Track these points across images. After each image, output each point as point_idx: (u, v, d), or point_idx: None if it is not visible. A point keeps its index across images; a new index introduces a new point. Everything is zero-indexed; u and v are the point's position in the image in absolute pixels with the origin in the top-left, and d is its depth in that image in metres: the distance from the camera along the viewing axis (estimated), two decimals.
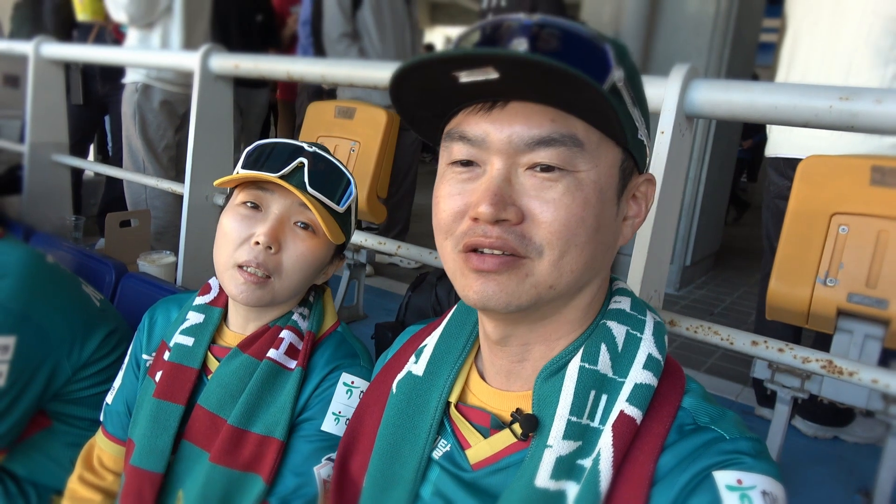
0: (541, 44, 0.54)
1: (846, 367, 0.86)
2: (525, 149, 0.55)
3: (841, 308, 1.67)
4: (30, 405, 1.13)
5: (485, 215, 0.55)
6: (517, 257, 0.56)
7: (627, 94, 0.56)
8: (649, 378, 0.58)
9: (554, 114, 0.55)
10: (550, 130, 0.55)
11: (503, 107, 0.56)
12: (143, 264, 1.85)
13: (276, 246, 0.89)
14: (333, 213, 0.92)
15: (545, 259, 0.56)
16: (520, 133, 0.55)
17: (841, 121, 0.83)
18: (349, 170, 0.92)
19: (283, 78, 1.50)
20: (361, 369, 0.93)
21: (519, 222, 0.56)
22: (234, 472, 0.88)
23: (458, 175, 0.59)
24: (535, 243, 0.56)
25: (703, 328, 0.98)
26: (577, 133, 0.55)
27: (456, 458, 0.65)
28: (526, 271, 0.56)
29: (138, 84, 2.74)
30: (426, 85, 0.56)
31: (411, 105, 0.61)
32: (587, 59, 0.53)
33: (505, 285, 0.57)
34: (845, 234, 1.68)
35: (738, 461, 0.52)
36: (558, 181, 0.55)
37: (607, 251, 0.61)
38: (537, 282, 0.57)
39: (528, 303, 0.57)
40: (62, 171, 2.29)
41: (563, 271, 0.56)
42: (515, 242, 0.55)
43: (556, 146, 0.55)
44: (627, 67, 0.56)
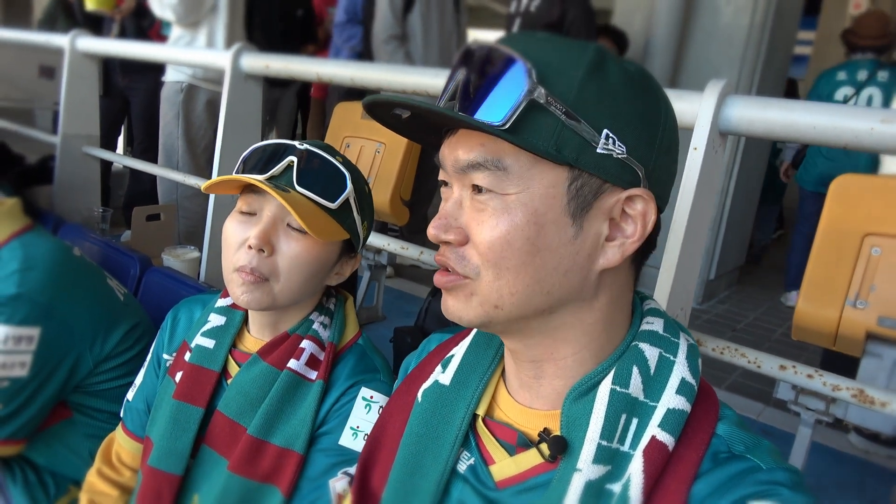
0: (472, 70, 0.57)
1: (878, 398, 0.84)
2: (461, 172, 0.58)
3: (870, 331, 1.63)
4: (51, 396, 1.15)
5: (431, 237, 0.60)
6: (459, 276, 0.59)
7: (559, 109, 0.54)
8: (682, 403, 0.56)
9: (484, 138, 0.57)
10: (477, 155, 0.57)
11: (455, 133, 0.60)
12: (168, 258, 1.87)
13: (268, 249, 0.88)
14: (328, 210, 0.90)
15: (483, 279, 0.58)
16: (459, 158, 0.58)
17: (882, 143, 0.81)
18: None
19: (312, 79, 1.51)
20: (381, 384, 0.92)
21: (462, 244, 0.59)
22: (253, 482, 0.88)
23: (444, 195, 0.62)
24: (473, 264, 0.58)
25: (729, 349, 0.96)
26: (503, 157, 0.56)
27: (479, 473, 0.64)
28: (470, 290, 0.59)
29: (183, 84, 2.76)
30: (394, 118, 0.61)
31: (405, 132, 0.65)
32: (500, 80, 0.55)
33: (455, 302, 0.60)
34: (878, 255, 1.64)
35: (776, 492, 0.51)
36: (487, 204, 0.57)
37: (565, 275, 0.57)
38: (482, 301, 0.59)
39: (479, 320, 0.59)
40: (92, 163, 2.32)
41: (503, 293, 0.57)
42: (455, 263, 0.59)
43: (483, 170, 0.56)
44: (567, 79, 0.54)
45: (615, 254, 0.58)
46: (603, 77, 0.55)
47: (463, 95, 0.56)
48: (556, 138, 0.54)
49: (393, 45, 3.20)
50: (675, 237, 0.94)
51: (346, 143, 2.62)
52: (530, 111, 0.54)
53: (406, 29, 3.23)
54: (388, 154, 2.49)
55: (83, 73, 2.22)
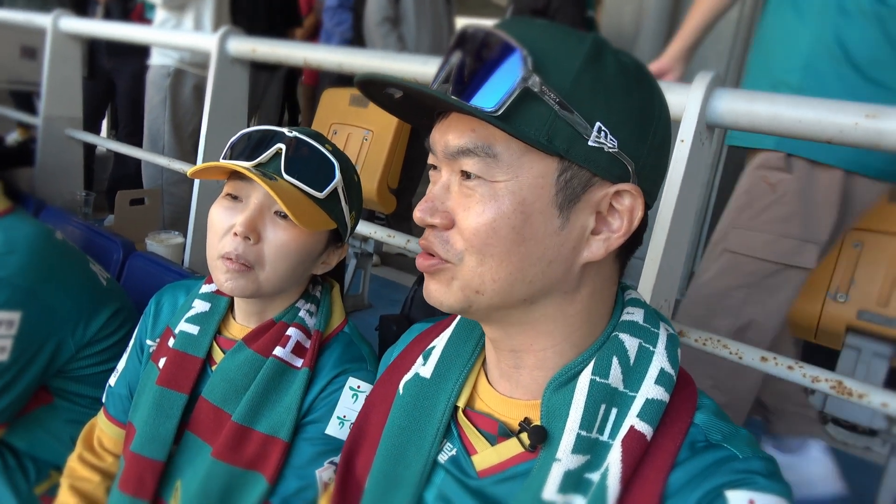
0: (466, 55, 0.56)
1: (856, 389, 0.85)
2: (451, 157, 0.58)
3: (850, 325, 1.66)
4: (32, 381, 1.13)
5: (417, 220, 0.60)
6: (441, 261, 0.59)
7: (552, 99, 0.54)
8: (661, 393, 0.57)
9: (476, 123, 0.56)
10: (468, 141, 0.57)
11: (447, 117, 0.60)
12: (152, 244, 1.85)
13: (254, 236, 0.87)
14: (315, 199, 0.89)
15: (465, 265, 0.58)
16: (448, 142, 0.58)
17: (867, 139, 0.81)
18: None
19: (300, 64, 1.49)
20: (368, 374, 0.92)
21: (447, 228, 0.59)
22: (237, 469, 0.88)
23: (433, 178, 0.62)
24: (457, 249, 0.58)
25: (711, 340, 0.97)
26: (494, 144, 0.56)
27: (462, 463, 0.65)
28: (451, 275, 0.59)
29: (170, 69, 2.72)
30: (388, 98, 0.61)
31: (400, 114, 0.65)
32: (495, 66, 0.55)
33: (436, 286, 0.60)
34: (859, 250, 1.67)
35: (751, 481, 0.52)
36: (475, 190, 0.57)
37: (550, 265, 0.58)
38: (463, 286, 0.59)
39: (459, 305, 0.60)
40: (75, 146, 2.29)
41: (485, 279, 0.58)
42: (438, 247, 0.59)
43: (471, 156, 0.56)
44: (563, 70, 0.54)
45: (599, 248, 0.58)
46: (599, 69, 0.55)
47: (457, 79, 0.56)
48: (548, 128, 0.54)
49: (386, 28, 3.19)
50: (661, 229, 0.95)
51: (334, 130, 2.61)
52: (524, 99, 0.54)
53: (399, 11, 3.22)
54: (376, 141, 2.48)
55: (66, 54, 2.18)
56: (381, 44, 3.22)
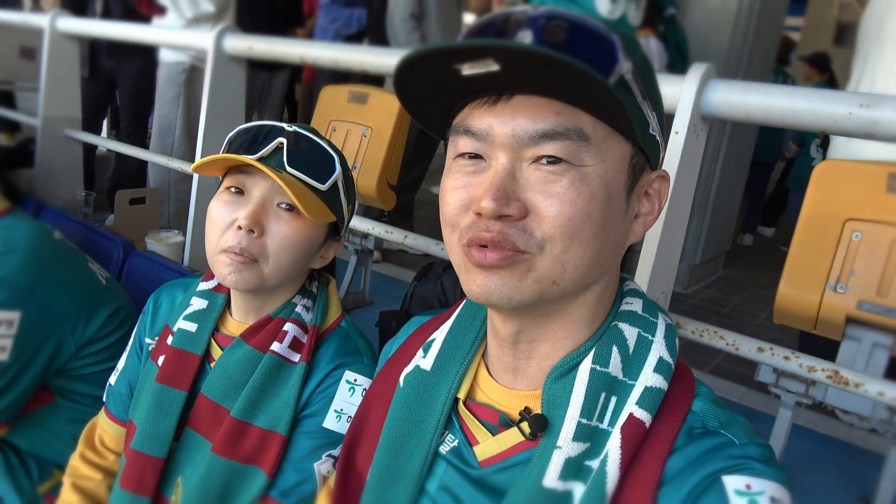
0: (547, 36, 0.53)
1: (852, 378, 0.85)
2: (529, 142, 0.55)
3: (850, 315, 1.65)
4: (33, 380, 1.14)
5: (487, 210, 0.54)
6: (518, 252, 0.55)
7: (637, 87, 0.55)
8: (659, 381, 0.58)
9: (560, 107, 0.54)
10: (555, 124, 0.54)
11: (507, 100, 0.55)
12: (151, 243, 1.86)
13: (258, 229, 0.88)
14: (318, 191, 0.90)
15: (547, 254, 0.55)
16: (524, 127, 0.55)
17: (860, 128, 0.81)
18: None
19: (296, 61, 1.49)
20: (365, 367, 0.93)
21: (522, 217, 0.55)
22: (236, 464, 0.88)
23: (464, 168, 0.58)
24: (537, 238, 0.55)
25: (708, 332, 0.97)
26: (583, 127, 0.54)
27: (464, 453, 0.65)
28: (528, 266, 0.56)
29: (185, 65, 2.73)
30: (430, 77, 0.55)
31: (418, 98, 0.60)
32: (593, 50, 0.53)
33: (507, 280, 0.56)
34: (858, 240, 1.66)
35: (748, 466, 0.52)
36: (563, 175, 0.54)
37: (615, 249, 0.60)
38: (539, 277, 0.56)
39: (531, 298, 0.57)
40: (74, 146, 2.29)
41: (567, 267, 0.56)
42: (517, 237, 0.55)
43: (561, 139, 0.54)
44: (637, 60, 0.55)
45: (640, 229, 0.61)
46: (645, 60, 0.57)
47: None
48: (631, 113, 0.55)
49: (411, 24, 3.19)
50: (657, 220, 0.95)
51: (333, 127, 2.60)
52: (618, 84, 0.54)
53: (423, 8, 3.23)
54: (375, 138, 2.48)
55: (64, 54, 2.19)
56: (405, 40, 3.22)
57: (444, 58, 0.52)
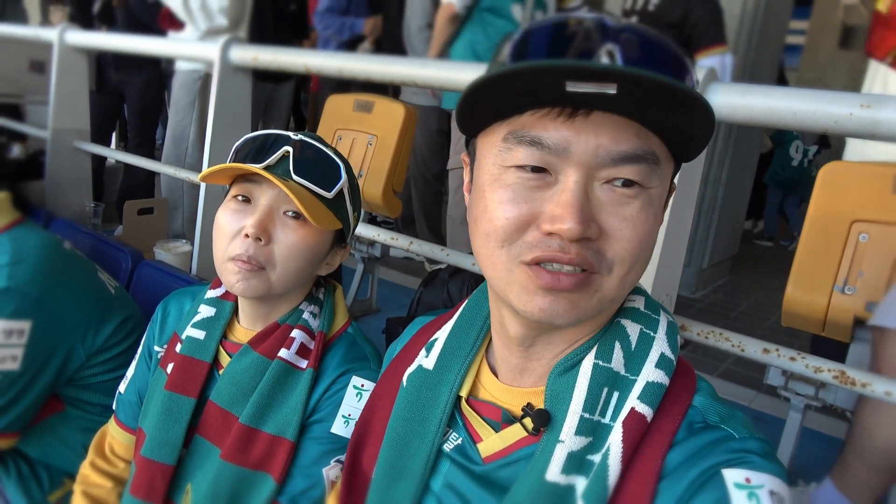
0: (633, 53, 0.51)
1: (859, 379, 0.85)
2: (609, 163, 0.53)
3: (858, 317, 1.64)
4: (44, 389, 1.15)
5: (570, 232, 0.52)
6: (590, 274, 0.55)
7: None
8: (661, 377, 0.58)
9: (638, 129, 0.53)
10: (636, 147, 0.53)
11: (587, 115, 0.52)
12: (160, 252, 1.88)
13: (265, 237, 0.88)
14: (324, 199, 0.91)
15: (614, 275, 0.56)
16: (607, 147, 0.52)
17: (862, 128, 0.82)
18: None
19: (301, 70, 1.51)
20: (372, 372, 0.93)
21: (597, 238, 0.54)
22: (245, 470, 0.89)
23: (525, 181, 0.55)
24: (608, 259, 0.55)
25: (714, 334, 0.97)
26: (656, 150, 0.54)
27: (467, 451, 0.66)
28: (595, 287, 0.55)
29: (200, 73, 2.77)
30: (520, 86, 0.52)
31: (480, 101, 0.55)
32: (673, 73, 0.52)
33: (576, 303, 0.55)
34: (865, 241, 1.65)
35: (747, 460, 0.53)
36: (636, 198, 0.54)
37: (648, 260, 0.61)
38: (603, 297, 0.56)
39: (592, 316, 0.58)
40: (83, 158, 2.32)
41: (626, 285, 0.57)
42: (593, 259, 0.54)
43: (640, 163, 0.53)
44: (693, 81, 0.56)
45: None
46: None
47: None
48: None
49: (428, 34, 3.20)
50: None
51: (339, 136, 2.62)
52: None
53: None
54: (380, 146, 2.50)
55: (73, 67, 2.21)
56: (422, 49, 3.23)
57: (558, 75, 0.48)
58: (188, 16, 2.69)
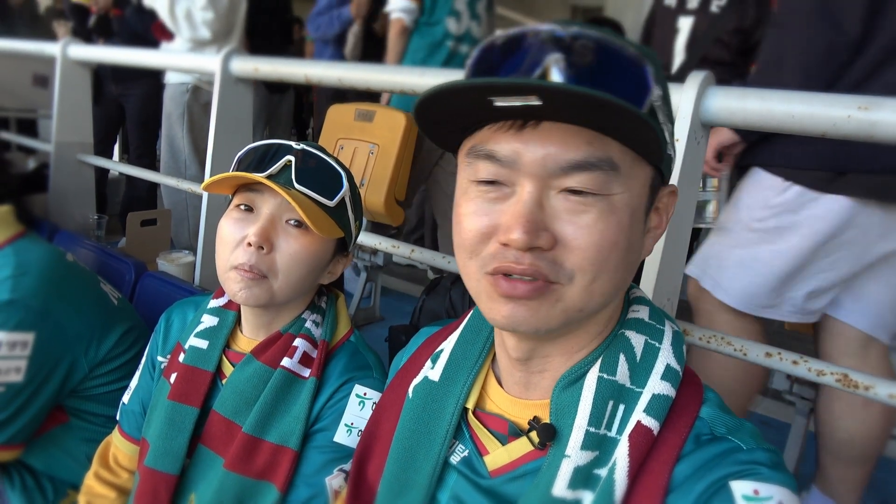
0: (576, 57, 0.52)
1: (862, 381, 0.85)
2: (559, 172, 0.53)
3: None
4: (47, 401, 1.15)
5: (517, 242, 0.53)
6: (548, 283, 0.55)
7: (662, 113, 0.56)
8: (667, 389, 0.58)
9: (590, 136, 0.53)
10: (587, 154, 0.53)
11: (535, 126, 0.53)
12: (163, 263, 1.88)
13: (267, 246, 0.89)
14: (326, 207, 0.92)
15: (576, 284, 0.55)
16: (555, 156, 0.53)
17: (860, 130, 0.82)
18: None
19: (301, 81, 1.52)
20: (374, 381, 0.93)
21: (551, 248, 0.54)
22: (248, 479, 0.89)
23: (485, 194, 0.57)
24: (567, 269, 0.54)
25: (715, 338, 0.97)
26: (613, 156, 0.53)
27: (474, 463, 0.66)
28: (556, 297, 0.55)
29: (188, 85, 2.78)
30: (457, 104, 0.54)
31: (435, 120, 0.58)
32: (627, 80, 0.52)
33: (535, 311, 0.56)
34: None
35: (756, 472, 0.52)
36: (592, 206, 0.53)
37: (634, 268, 0.60)
38: (567, 307, 0.56)
39: (558, 326, 0.57)
40: (87, 171, 2.33)
41: (594, 295, 0.56)
42: (547, 269, 0.54)
43: (592, 170, 0.53)
44: (663, 85, 0.56)
45: (651, 244, 0.62)
46: (664, 81, 0.58)
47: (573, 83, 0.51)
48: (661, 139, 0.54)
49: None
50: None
51: (340, 146, 2.63)
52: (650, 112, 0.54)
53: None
54: (382, 155, 2.50)
55: (75, 80, 2.23)
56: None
57: (482, 92, 0.50)
58: (174, 24, 2.71)
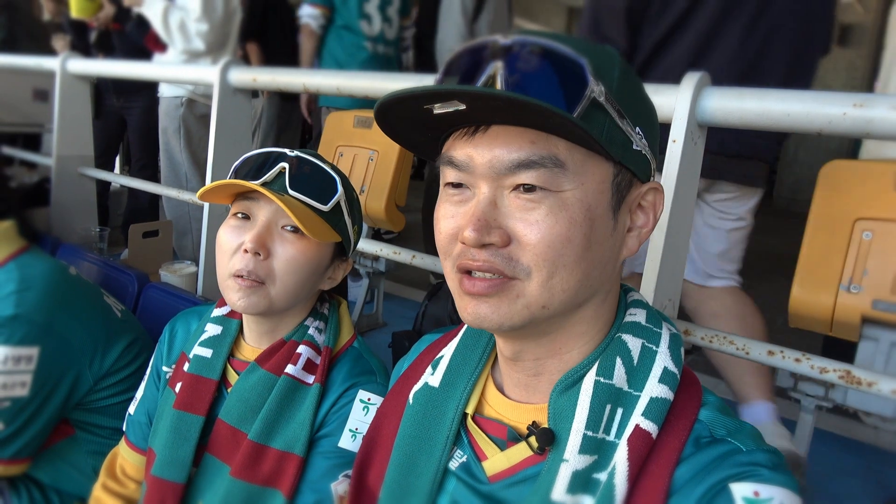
0: (520, 64, 0.55)
1: (864, 378, 0.85)
2: (507, 172, 0.56)
3: (865, 315, 1.64)
4: (53, 414, 1.16)
5: (469, 240, 0.56)
6: (506, 279, 0.57)
7: (613, 107, 0.56)
8: (665, 392, 0.58)
9: (534, 135, 0.55)
10: (530, 153, 0.55)
11: (485, 131, 0.57)
12: (165, 274, 1.89)
13: (264, 252, 0.90)
14: (321, 212, 0.92)
15: (534, 280, 0.57)
16: (500, 157, 0.56)
17: (856, 128, 0.82)
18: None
19: (299, 90, 1.52)
20: (378, 386, 0.94)
21: (505, 245, 0.56)
22: (255, 486, 0.89)
23: (451, 198, 0.60)
24: (523, 265, 0.56)
25: (717, 338, 0.97)
26: (558, 154, 0.55)
27: (473, 469, 0.66)
28: (516, 292, 0.57)
29: (182, 99, 2.80)
30: (409, 116, 0.58)
31: (406, 131, 0.62)
32: (562, 77, 0.54)
33: (497, 307, 0.57)
34: (869, 239, 1.65)
35: (756, 473, 0.52)
36: (541, 202, 0.55)
37: (605, 266, 0.60)
38: (529, 302, 0.57)
39: (522, 322, 0.58)
40: (88, 184, 2.34)
41: (554, 291, 0.57)
42: (503, 265, 0.56)
43: (536, 168, 0.55)
44: (613, 80, 0.56)
45: (634, 243, 0.62)
46: (629, 77, 0.58)
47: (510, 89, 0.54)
48: (607, 134, 0.56)
49: None
50: (659, 228, 0.96)
51: (340, 153, 2.64)
52: (590, 108, 0.55)
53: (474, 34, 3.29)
54: (381, 161, 2.51)
55: (75, 94, 2.24)
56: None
57: (414, 101, 0.54)
58: (167, 35, 2.72)
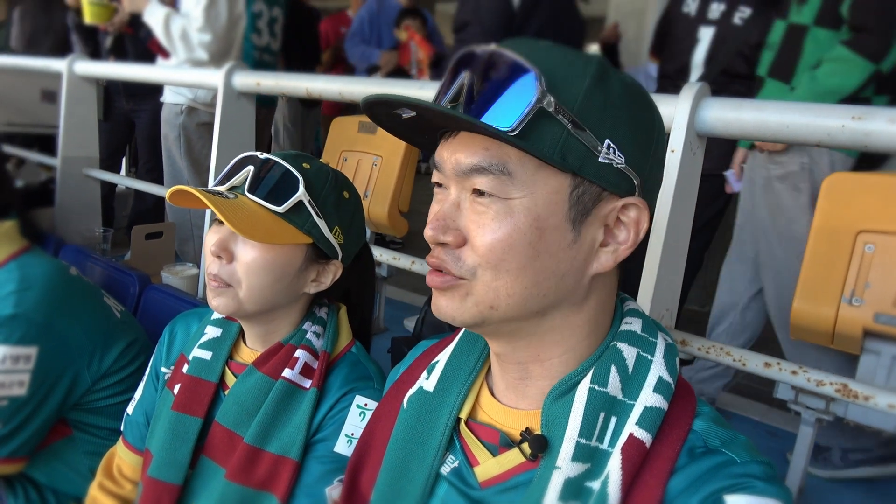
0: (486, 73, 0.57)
1: (861, 392, 0.84)
2: (464, 175, 0.59)
3: (867, 328, 1.63)
4: (50, 414, 1.16)
5: (428, 238, 0.60)
6: (455, 277, 0.59)
7: (566, 118, 0.55)
8: (659, 401, 0.58)
9: (488, 142, 0.57)
10: (481, 159, 0.57)
11: (454, 136, 0.60)
12: (167, 276, 1.89)
13: (226, 255, 0.90)
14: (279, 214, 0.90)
15: (479, 281, 0.59)
16: (460, 160, 0.59)
17: (854, 140, 0.82)
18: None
19: (302, 94, 1.53)
20: (375, 392, 0.93)
21: (459, 245, 0.59)
22: (249, 490, 0.89)
23: (436, 196, 0.63)
24: (469, 265, 0.59)
25: (714, 348, 0.97)
26: (507, 162, 0.56)
27: (464, 474, 0.65)
28: (465, 291, 0.60)
29: (183, 106, 2.80)
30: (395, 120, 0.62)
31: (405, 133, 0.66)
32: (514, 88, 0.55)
33: (450, 302, 0.61)
34: (871, 252, 1.64)
35: (750, 485, 0.52)
36: (490, 206, 0.57)
37: (563, 278, 0.59)
38: (477, 301, 0.59)
39: (473, 320, 0.60)
40: (92, 185, 2.35)
41: (500, 294, 0.58)
42: (450, 264, 0.59)
43: (486, 174, 0.57)
44: (575, 90, 0.56)
45: (608, 259, 0.60)
46: (606, 88, 0.57)
47: (468, 98, 0.57)
48: (561, 146, 0.55)
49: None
50: (657, 238, 0.96)
51: (344, 158, 2.65)
52: (539, 118, 0.55)
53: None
54: (385, 166, 2.52)
55: (82, 95, 2.26)
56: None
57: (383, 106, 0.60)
58: (169, 44, 2.70)
